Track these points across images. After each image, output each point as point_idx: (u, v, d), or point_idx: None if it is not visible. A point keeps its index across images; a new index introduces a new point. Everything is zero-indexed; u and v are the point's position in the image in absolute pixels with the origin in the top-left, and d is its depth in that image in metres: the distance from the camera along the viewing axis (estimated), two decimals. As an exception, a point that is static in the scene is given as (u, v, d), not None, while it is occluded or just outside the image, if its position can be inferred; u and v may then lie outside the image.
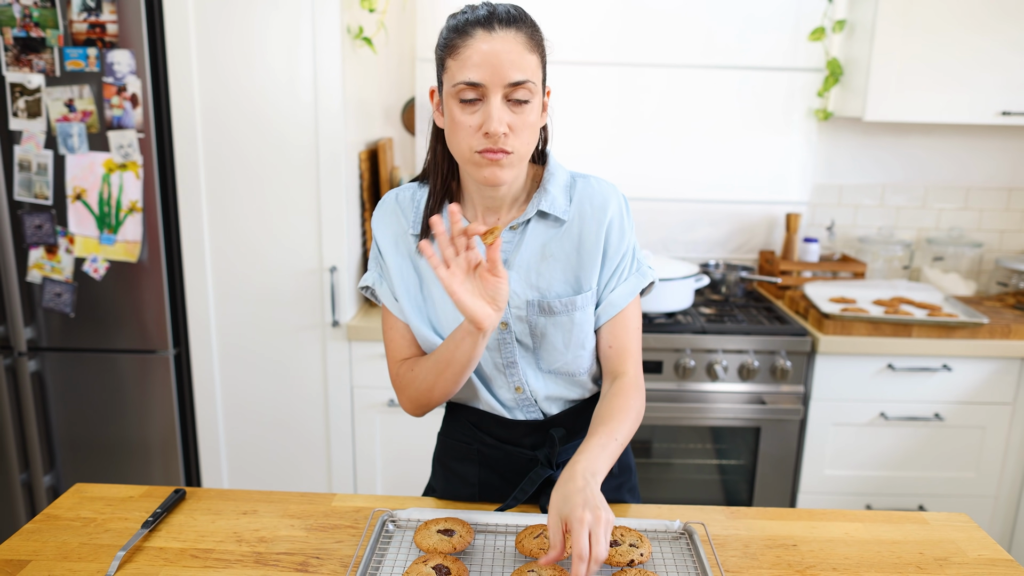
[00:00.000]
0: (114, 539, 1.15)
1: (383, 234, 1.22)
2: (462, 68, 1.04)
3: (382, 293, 1.24)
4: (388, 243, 1.22)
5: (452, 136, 1.10)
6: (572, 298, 1.18)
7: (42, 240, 2.21)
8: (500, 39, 1.04)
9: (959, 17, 2.38)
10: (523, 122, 1.07)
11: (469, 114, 1.06)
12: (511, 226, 1.18)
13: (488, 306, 1.03)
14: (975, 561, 1.16)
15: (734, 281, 2.71)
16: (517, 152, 1.08)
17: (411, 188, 1.24)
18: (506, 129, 1.05)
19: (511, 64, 1.04)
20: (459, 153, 1.10)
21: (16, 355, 2.28)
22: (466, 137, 1.06)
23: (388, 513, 1.19)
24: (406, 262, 1.21)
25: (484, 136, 1.05)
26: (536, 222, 1.18)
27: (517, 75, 1.04)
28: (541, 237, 1.18)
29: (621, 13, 2.67)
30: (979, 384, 2.36)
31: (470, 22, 1.06)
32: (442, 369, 1.14)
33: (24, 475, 2.39)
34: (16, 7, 2.04)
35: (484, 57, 1.03)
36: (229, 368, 2.35)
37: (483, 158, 1.07)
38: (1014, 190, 2.86)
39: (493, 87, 1.04)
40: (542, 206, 1.17)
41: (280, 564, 1.10)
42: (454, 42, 1.06)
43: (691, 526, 1.18)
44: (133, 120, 2.12)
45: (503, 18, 1.05)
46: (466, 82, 1.04)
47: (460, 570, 1.03)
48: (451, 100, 1.07)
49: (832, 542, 1.20)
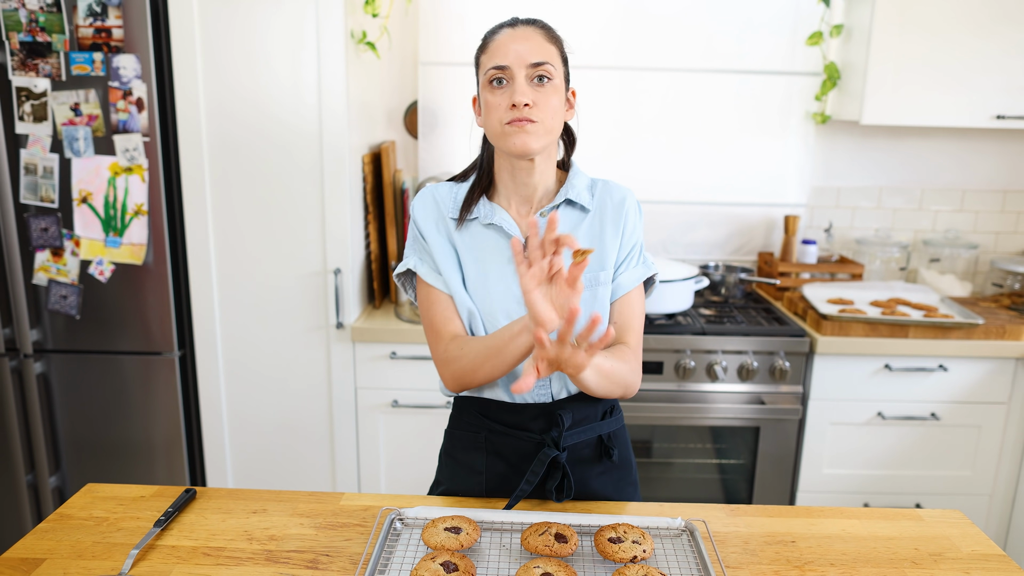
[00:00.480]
0: (127, 538, 1.18)
1: (424, 217, 1.33)
2: (491, 57, 1.23)
3: (424, 272, 1.31)
4: (430, 225, 1.33)
5: (487, 118, 1.24)
6: (596, 274, 1.29)
7: (48, 243, 2.23)
8: (521, 31, 1.23)
9: (955, 21, 2.41)
10: (545, 99, 1.22)
11: (499, 95, 1.22)
12: (541, 212, 1.30)
13: (555, 312, 1.08)
14: (968, 556, 1.19)
15: (733, 282, 2.73)
16: (542, 123, 1.22)
17: (446, 185, 1.37)
18: (529, 101, 1.19)
19: (530, 49, 1.21)
20: (492, 130, 1.24)
21: (22, 357, 2.30)
22: (496, 113, 1.22)
23: (396, 512, 1.21)
24: (445, 241, 1.32)
25: (511, 108, 1.20)
26: (564, 209, 1.32)
27: (537, 57, 1.21)
28: (568, 222, 1.32)
29: (622, 18, 2.70)
30: (975, 384, 2.39)
31: (498, 27, 1.26)
32: (492, 355, 1.21)
33: (30, 476, 2.41)
34: (22, 12, 2.06)
35: (508, 46, 1.21)
36: (234, 369, 2.37)
37: (511, 127, 1.21)
38: (1009, 193, 2.89)
39: (517, 67, 1.20)
40: (569, 195, 1.31)
41: (291, 561, 1.12)
42: (485, 40, 1.26)
43: (692, 523, 1.21)
44: (139, 124, 2.15)
45: (524, 19, 1.26)
46: (494, 66, 1.21)
47: (467, 566, 1.06)
48: (484, 89, 1.24)
49: (830, 539, 1.23)
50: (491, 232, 1.30)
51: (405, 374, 2.37)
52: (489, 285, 1.28)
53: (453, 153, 2.78)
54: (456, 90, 2.74)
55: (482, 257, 1.29)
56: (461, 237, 1.30)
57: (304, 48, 2.14)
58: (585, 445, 1.34)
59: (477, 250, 1.29)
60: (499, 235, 1.30)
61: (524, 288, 1.07)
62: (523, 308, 1.26)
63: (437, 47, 2.70)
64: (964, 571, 1.15)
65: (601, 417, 1.36)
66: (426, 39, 2.70)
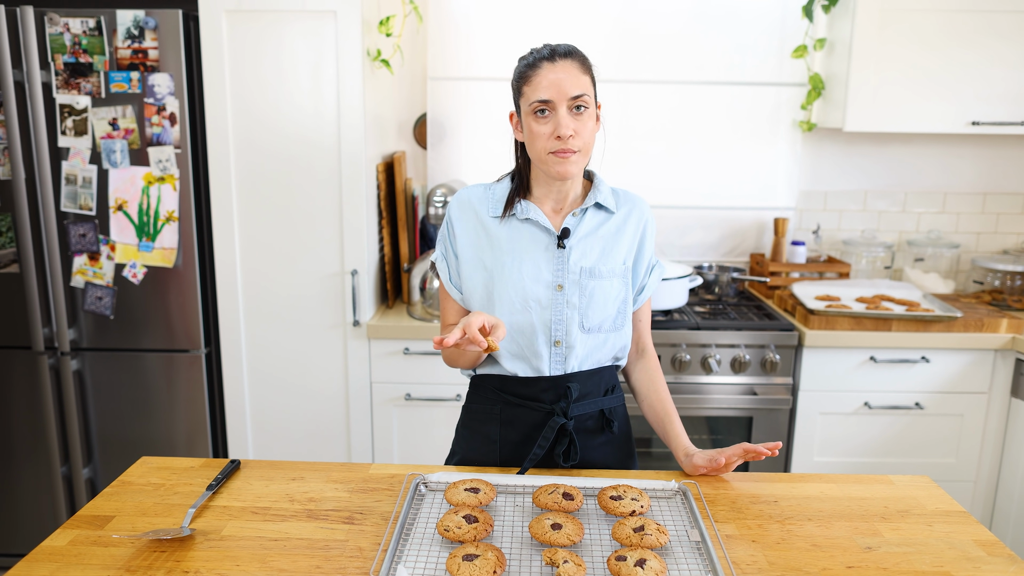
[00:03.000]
0: (183, 500, 1.33)
1: (459, 215, 1.52)
2: (535, 91, 1.37)
3: (441, 269, 1.55)
4: (463, 224, 1.52)
5: (531, 144, 1.41)
6: (613, 267, 1.49)
7: (86, 248, 2.39)
8: (561, 67, 1.37)
9: (933, 33, 2.57)
10: (583, 126, 1.38)
11: (543, 124, 1.38)
12: (574, 212, 1.49)
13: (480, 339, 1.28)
14: (932, 513, 1.33)
15: (726, 281, 2.89)
16: (581, 151, 1.39)
17: (480, 187, 1.55)
18: (572, 132, 1.36)
19: (570, 83, 1.36)
20: (536, 155, 1.41)
21: (60, 355, 2.46)
22: (542, 142, 1.38)
23: (421, 476, 1.36)
24: (476, 236, 1.50)
25: (556, 139, 1.37)
26: (592, 211, 1.50)
27: (576, 90, 1.36)
28: (594, 222, 1.50)
29: (621, 35, 2.87)
30: (956, 374, 2.54)
31: (537, 59, 1.39)
32: (457, 355, 1.50)
33: (64, 468, 2.56)
34: (67, 36, 2.23)
35: (551, 81, 1.36)
36: (256, 365, 2.53)
37: (556, 157, 1.38)
38: (989, 194, 3.05)
39: (560, 102, 1.36)
40: (598, 199, 1.50)
41: (329, 518, 1.27)
42: (526, 73, 1.39)
43: (685, 485, 1.36)
44: (171, 137, 2.31)
45: (561, 52, 1.38)
46: (539, 100, 1.36)
47: (486, 518, 1.21)
48: (528, 117, 1.39)
49: (808, 499, 1.38)
50: (527, 225, 1.48)
51: (417, 369, 2.52)
52: (523, 270, 1.46)
53: (460, 162, 2.94)
54: (462, 103, 2.90)
55: (519, 247, 1.47)
56: (501, 230, 1.48)
57: (324, 66, 2.31)
58: (589, 417, 1.51)
59: (515, 241, 1.47)
60: (535, 228, 1.48)
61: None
62: (546, 289, 1.46)
63: (444, 63, 2.87)
64: (928, 524, 1.30)
65: (603, 393, 1.52)
66: (434, 56, 2.87)
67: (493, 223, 1.49)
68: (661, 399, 1.57)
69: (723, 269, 2.98)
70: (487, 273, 1.48)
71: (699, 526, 1.23)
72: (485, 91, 2.88)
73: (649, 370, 1.61)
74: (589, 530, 1.23)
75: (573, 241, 1.47)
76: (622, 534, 1.18)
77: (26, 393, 2.52)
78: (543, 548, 1.17)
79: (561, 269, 1.46)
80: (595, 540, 1.21)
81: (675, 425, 1.52)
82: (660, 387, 1.58)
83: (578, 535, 1.17)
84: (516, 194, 1.50)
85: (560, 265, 1.46)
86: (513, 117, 1.47)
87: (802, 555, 1.19)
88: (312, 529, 1.24)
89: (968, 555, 1.20)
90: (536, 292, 1.45)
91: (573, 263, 1.46)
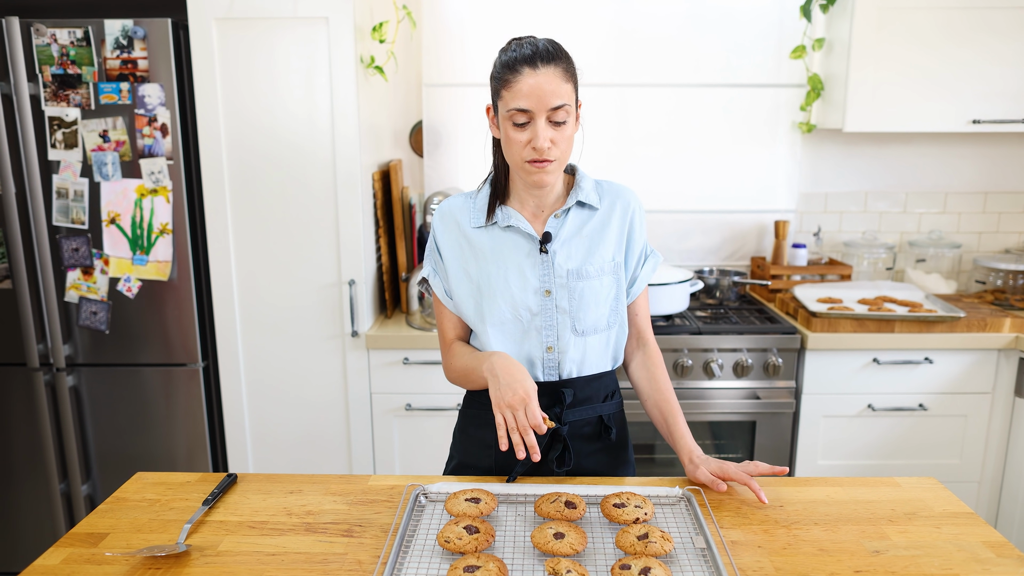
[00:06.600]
0: (178, 515, 1.30)
1: (442, 230, 1.50)
2: (514, 98, 1.31)
3: (435, 284, 1.52)
4: (446, 237, 1.49)
5: (507, 149, 1.37)
6: (601, 265, 1.46)
7: (79, 262, 2.37)
8: (542, 74, 1.30)
9: (931, 32, 2.56)
10: (562, 136, 1.34)
11: (520, 132, 1.34)
12: (555, 214, 1.45)
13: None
14: (940, 515, 1.31)
15: (727, 285, 2.87)
16: (558, 160, 1.36)
17: (462, 196, 1.52)
18: (549, 144, 1.32)
19: (551, 93, 1.30)
20: (513, 162, 1.38)
21: (55, 371, 2.43)
22: (518, 150, 1.35)
23: (420, 487, 1.34)
24: (460, 248, 1.48)
25: (532, 150, 1.33)
26: (575, 210, 1.47)
27: (556, 101, 1.31)
28: (578, 221, 1.46)
29: (617, 38, 2.86)
30: (960, 375, 2.51)
31: (518, 60, 1.31)
32: (464, 376, 1.47)
33: (63, 485, 2.53)
34: (54, 47, 2.22)
35: (531, 89, 1.30)
36: (255, 377, 2.50)
37: (532, 167, 1.35)
38: (990, 194, 3.03)
39: (539, 112, 1.31)
40: (580, 197, 1.46)
41: (328, 531, 1.25)
42: (506, 77, 1.32)
43: (689, 492, 1.33)
44: (163, 148, 2.29)
45: (544, 56, 1.31)
46: (518, 108, 1.31)
47: (487, 529, 1.18)
48: (506, 122, 1.35)
49: (814, 503, 1.35)
50: (509, 233, 1.45)
51: (417, 379, 2.50)
52: (509, 277, 1.43)
53: (456, 170, 2.93)
54: (458, 110, 2.89)
55: (502, 256, 1.44)
56: (484, 239, 1.45)
57: (317, 73, 2.29)
58: (586, 423, 1.48)
59: (498, 250, 1.45)
60: (516, 235, 1.45)
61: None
62: (535, 296, 1.43)
63: (439, 69, 2.86)
64: (935, 526, 1.27)
65: (602, 399, 1.49)
66: (429, 62, 2.85)
67: (475, 233, 1.46)
68: (663, 394, 1.51)
69: (724, 273, 2.96)
70: (474, 285, 1.46)
71: (704, 532, 1.20)
72: (481, 97, 2.87)
73: (649, 364, 1.54)
74: (592, 539, 1.21)
75: (556, 244, 1.44)
76: (626, 542, 1.15)
77: (22, 410, 2.49)
78: (546, 558, 1.14)
79: (547, 274, 1.43)
80: (598, 549, 1.18)
81: (679, 425, 1.47)
82: (661, 382, 1.52)
83: (581, 544, 1.14)
84: (495, 200, 1.47)
85: (546, 270, 1.43)
86: (490, 111, 1.43)
87: (809, 560, 1.17)
88: (310, 543, 1.22)
89: (977, 557, 1.18)
90: (525, 299, 1.43)
91: (559, 266, 1.44)
